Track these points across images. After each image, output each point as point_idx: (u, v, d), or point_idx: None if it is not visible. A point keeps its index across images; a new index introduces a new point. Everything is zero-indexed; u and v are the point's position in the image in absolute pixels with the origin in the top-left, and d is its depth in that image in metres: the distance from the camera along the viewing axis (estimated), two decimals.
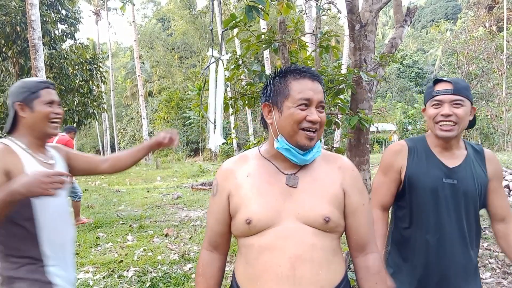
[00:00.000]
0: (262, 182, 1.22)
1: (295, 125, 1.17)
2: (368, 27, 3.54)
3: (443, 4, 53.58)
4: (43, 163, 1.51)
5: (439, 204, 1.53)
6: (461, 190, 1.52)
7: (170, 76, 32.47)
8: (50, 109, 1.53)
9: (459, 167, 1.55)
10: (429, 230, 1.56)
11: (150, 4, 50.07)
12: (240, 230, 1.21)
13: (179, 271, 3.78)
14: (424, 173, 1.57)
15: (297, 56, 3.27)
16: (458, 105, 1.48)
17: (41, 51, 7.12)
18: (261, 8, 2.61)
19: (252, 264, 1.18)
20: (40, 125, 1.52)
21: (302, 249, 1.13)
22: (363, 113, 3.32)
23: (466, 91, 1.51)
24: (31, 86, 1.53)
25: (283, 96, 1.20)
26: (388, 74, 29.55)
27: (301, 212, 1.17)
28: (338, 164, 1.27)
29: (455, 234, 1.52)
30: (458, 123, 1.48)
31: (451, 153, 1.57)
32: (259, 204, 1.18)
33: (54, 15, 12.63)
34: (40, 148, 1.56)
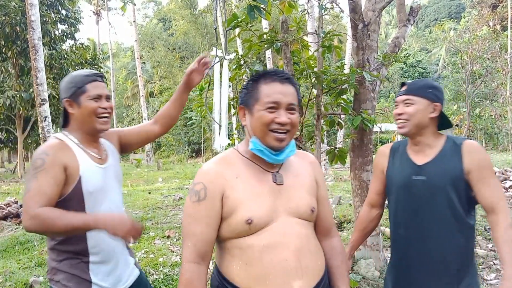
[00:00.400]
0: (252, 183, 1.25)
1: (264, 127, 1.22)
2: (371, 26, 3.50)
3: (447, 3, 53.47)
4: (96, 158, 1.52)
5: (411, 200, 1.61)
6: (432, 186, 1.56)
7: (172, 77, 32.45)
8: (97, 104, 1.49)
9: (428, 163, 1.61)
10: (404, 226, 1.65)
11: (151, 4, 50.11)
12: (237, 231, 1.21)
13: None
14: (397, 172, 1.69)
15: (299, 56, 3.24)
16: (408, 104, 1.61)
17: (41, 51, 7.09)
18: (263, 8, 2.58)
19: (255, 264, 1.19)
20: (88, 120, 1.50)
21: (300, 241, 1.23)
22: (366, 113, 3.29)
23: (420, 91, 1.60)
24: (78, 81, 1.50)
25: (254, 99, 1.25)
26: (391, 74, 29.51)
27: (292, 207, 1.25)
28: (309, 159, 1.42)
29: (430, 229, 1.57)
30: (409, 120, 1.59)
31: (422, 151, 1.64)
32: (256, 204, 1.22)
33: (54, 15, 12.63)
34: (92, 143, 1.55)
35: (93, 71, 1.56)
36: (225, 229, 1.24)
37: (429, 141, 1.62)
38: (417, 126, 1.60)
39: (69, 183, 1.41)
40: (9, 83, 12.47)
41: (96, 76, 1.53)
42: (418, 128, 1.61)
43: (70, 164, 1.41)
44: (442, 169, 1.56)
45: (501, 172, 8.07)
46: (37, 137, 14.30)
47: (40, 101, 7.16)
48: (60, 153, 1.41)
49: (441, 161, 1.58)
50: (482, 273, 3.57)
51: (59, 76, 12.61)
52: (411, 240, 1.61)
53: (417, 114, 1.59)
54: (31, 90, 11.41)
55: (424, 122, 1.60)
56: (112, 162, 1.59)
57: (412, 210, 1.62)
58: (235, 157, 1.31)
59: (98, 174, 1.48)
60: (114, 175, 1.59)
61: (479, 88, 14.00)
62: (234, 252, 1.24)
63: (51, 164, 1.37)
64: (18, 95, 11.73)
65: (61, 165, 1.39)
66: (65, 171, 1.39)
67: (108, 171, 1.55)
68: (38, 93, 7.16)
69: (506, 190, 7.00)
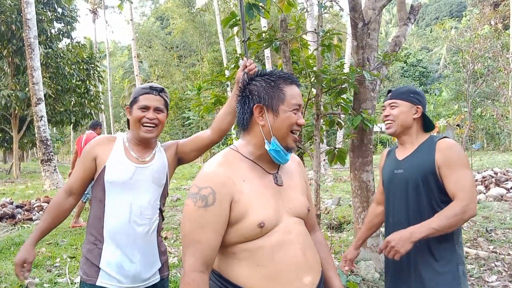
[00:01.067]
0: (258, 185, 1.26)
1: (288, 128, 1.27)
2: (371, 25, 3.47)
3: (448, 2, 53.60)
4: (133, 157, 1.69)
5: (393, 192, 1.86)
6: (406, 178, 1.78)
7: (169, 76, 32.38)
8: (142, 114, 1.67)
9: (407, 158, 1.83)
10: (392, 214, 1.89)
11: (148, 2, 49.99)
12: (248, 235, 1.20)
13: (178, 274, 3.71)
14: (386, 168, 1.95)
15: (298, 55, 3.21)
16: (393, 107, 1.83)
17: (37, 50, 7.02)
18: (261, 6, 2.56)
19: (267, 264, 1.20)
20: (134, 127, 1.69)
21: (303, 238, 1.29)
22: (366, 113, 3.27)
23: (403, 95, 1.83)
24: (136, 92, 1.73)
25: (279, 99, 1.26)
26: (391, 73, 29.60)
27: (291, 207, 1.30)
28: (297, 160, 1.49)
29: (403, 218, 1.79)
30: (394, 120, 1.82)
31: (405, 148, 1.87)
32: (265, 207, 1.23)
33: (50, 13, 12.54)
34: (139, 145, 1.73)
35: (152, 85, 1.74)
36: (232, 235, 1.20)
37: (412, 140, 1.83)
38: (402, 126, 1.82)
39: (97, 171, 1.66)
40: (4, 82, 12.38)
41: (152, 89, 1.71)
42: (403, 128, 1.82)
43: (101, 155, 1.66)
44: (416, 162, 1.77)
45: (503, 173, 8.08)
46: (33, 137, 14.17)
47: (36, 100, 7.09)
48: (97, 147, 1.69)
49: (416, 155, 1.79)
50: (484, 275, 3.54)
51: (55, 75, 12.52)
52: (397, 226, 1.75)
53: (401, 115, 1.81)
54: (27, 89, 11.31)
55: (408, 122, 1.82)
56: (153, 166, 1.72)
57: (396, 200, 1.84)
58: (236, 158, 1.28)
59: (126, 169, 1.64)
60: (151, 177, 1.71)
61: (481, 87, 14.00)
62: (241, 255, 1.22)
63: (86, 154, 1.69)
64: (13, 94, 11.63)
65: (92, 156, 1.66)
66: (95, 161, 1.66)
67: (144, 171, 1.69)
68: (34, 92, 7.09)
69: (508, 191, 6.98)
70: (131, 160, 1.68)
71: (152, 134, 1.70)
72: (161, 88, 1.76)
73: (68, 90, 13.14)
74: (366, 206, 3.63)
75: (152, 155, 1.75)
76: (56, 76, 12.53)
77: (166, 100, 1.76)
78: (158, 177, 1.74)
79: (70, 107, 13.20)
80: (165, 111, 1.76)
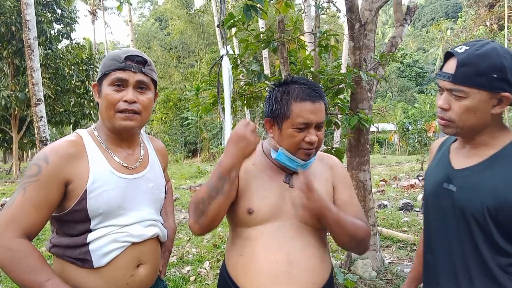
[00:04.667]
0: (264, 176, 1.26)
1: (293, 145, 1.21)
2: (368, 26, 3.50)
3: (444, 3, 53.75)
4: (120, 166, 1.23)
5: (440, 217, 1.17)
6: (460, 203, 1.08)
7: (168, 76, 32.39)
8: (117, 94, 1.19)
9: (468, 169, 1.10)
10: (432, 250, 1.21)
11: (147, 3, 49.98)
12: (239, 219, 1.23)
13: (177, 273, 3.73)
14: (429, 174, 1.26)
15: (296, 55, 3.23)
16: (457, 97, 1.06)
17: (36, 51, 7.04)
18: (259, 7, 2.57)
19: (248, 258, 1.20)
20: (104, 115, 1.24)
21: (299, 247, 1.19)
22: (363, 113, 3.29)
23: (479, 78, 1.02)
24: (105, 65, 1.20)
25: (283, 116, 1.21)
26: (388, 74, 29.58)
27: (299, 211, 1.21)
28: (330, 163, 1.37)
29: (445, 257, 1.14)
30: (454, 121, 1.08)
31: (470, 149, 1.13)
32: (260, 196, 1.22)
33: (49, 14, 12.57)
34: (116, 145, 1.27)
35: (129, 53, 1.20)
36: (232, 215, 1.26)
37: (488, 140, 1.09)
38: (472, 128, 1.08)
39: (72, 198, 1.11)
40: (4, 83, 12.39)
41: (129, 61, 1.19)
42: (473, 129, 1.09)
43: (76, 176, 1.11)
44: (484, 182, 1.04)
45: None
46: (33, 137, 14.21)
47: (35, 101, 7.12)
48: (64, 161, 1.10)
49: (487, 169, 1.05)
50: None
51: (54, 76, 12.54)
52: (440, 273, 1.15)
53: (468, 114, 1.06)
54: (27, 90, 11.34)
55: (482, 121, 1.07)
56: (147, 174, 1.27)
57: (441, 232, 1.16)
58: (258, 150, 1.32)
59: (115, 188, 1.16)
60: (146, 189, 1.25)
61: None
62: (235, 241, 1.27)
63: (49, 176, 1.08)
64: (13, 95, 11.66)
65: (61, 179, 1.10)
66: (66, 186, 1.11)
67: (136, 184, 1.22)
68: (34, 93, 7.11)
69: None
70: (118, 170, 1.19)
71: (132, 122, 1.18)
72: (143, 59, 1.20)
73: (68, 91, 13.16)
74: (363, 206, 3.66)
75: (140, 158, 1.29)
76: (55, 77, 12.56)
77: (153, 76, 1.24)
78: (155, 189, 1.29)
79: (69, 108, 13.21)
80: (153, 89, 1.24)
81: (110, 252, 1.15)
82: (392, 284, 3.38)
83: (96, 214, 1.13)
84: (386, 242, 4.62)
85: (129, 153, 1.26)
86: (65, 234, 1.16)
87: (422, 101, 18.92)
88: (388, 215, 5.96)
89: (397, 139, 22.44)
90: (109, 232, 1.15)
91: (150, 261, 1.25)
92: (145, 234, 1.22)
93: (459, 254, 1.09)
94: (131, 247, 1.18)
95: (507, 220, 0.99)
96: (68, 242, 1.15)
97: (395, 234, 4.78)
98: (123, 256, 1.17)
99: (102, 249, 1.14)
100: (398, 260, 4.15)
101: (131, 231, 1.19)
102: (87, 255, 1.13)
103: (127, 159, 1.24)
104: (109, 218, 1.15)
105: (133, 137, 1.28)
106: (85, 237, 1.14)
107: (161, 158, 1.40)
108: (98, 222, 1.14)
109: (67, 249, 1.15)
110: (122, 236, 1.17)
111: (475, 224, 1.04)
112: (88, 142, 1.19)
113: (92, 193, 1.11)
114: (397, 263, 4.01)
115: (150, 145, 1.38)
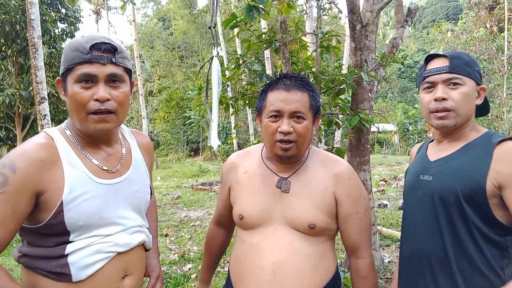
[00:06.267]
0: (257, 181, 1.25)
1: (270, 137, 1.18)
2: (369, 27, 3.53)
3: (444, 5, 53.61)
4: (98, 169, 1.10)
5: (415, 209, 1.22)
6: (436, 190, 1.14)
7: (171, 76, 32.42)
8: (85, 92, 1.05)
9: (442, 159, 1.18)
10: (404, 238, 1.27)
11: (150, 3, 50.05)
12: (236, 222, 1.30)
13: (179, 271, 3.77)
14: (409, 170, 1.33)
15: (297, 56, 3.26)
16: (456, 85, 1.15)
17: (40, 50, 7.09)
18: (261, 8, 2.60)
19: (241, 261, 1.23)
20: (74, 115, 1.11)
21: (287, 254, 1.15)
22: (364, 113, 3.31)
23: (468, 67, 1.16)
24: (68, 57, 1.06)
25: (263, 107, 1.22)
26: (389, 74, 29.55)
27: (289, 216, 1.18)
28: (335, 171, 1.23)
29: (428, 246, 1.14)
30: (455, 109, 1.14)
31: (445, 144, 1.23)
32: (251, 202, 1.23)
33: (54, 14, 12.63)
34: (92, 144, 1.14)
35: (94, 41, 1.02)
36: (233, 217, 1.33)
37: (464, 135, 1.19)
38: (466, 118, 1.16)
39: (46, 210, 0.97)
40: (8, 81, 12.45)
41: (95, 51, 1.02)
42: (465, 120, 1.17)
43: (49, 185, 0.96)
44: (456, 169, 1.12)
45: None
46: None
47: (39, 99, 7.17)
48: (34, 169, 0.94)
49: (459, 158, 1.14)
50: None
51: (58, 75, 12.59)
52: (415, 259, 1.19)
53: (466, 100, 1.15)
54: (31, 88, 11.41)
55: (471, 111, 1.18)
56: (131, 176, 1.13)
57: (411, 218, 1.24)
58: (256, 153, 1.34)
59: (96, 196, 1.03)
60: (130, 192, 1.12)
61: None
62: (236, 243, 1.30)
63: (16, 188, 0.92)
64: (17, 93, 11.72)
65: (32, 190, 0.94)
66: (38, 197, 0.96)
67: (118, 188, 1.09)
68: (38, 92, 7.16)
69: None
70: (98, 175, 1.05)
71: (108, 124, 1.03)
72: (112, 46, 1.01)
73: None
74: None
75: (121, 155, 1.14)
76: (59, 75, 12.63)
77: (126, 64, 1.06)
78: (142, 192, 1.16)
79: None
80: (127, 80, 1.07)
81: (92, 264, 1.01)
82: (391, 283, 3.41)
83: (75, 227, 0.99)
84: (385, 241, 4.65)
85: (109, 152, 1.11)
86: (36, 245, 1.02)
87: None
88: (388, 214, 5.99)
89: (397, 139, 22.39)
90: (91, 242, 1.02)
91: (136, 271, 1.13)
92: (131, 242, 1.10)
93: (438, 243, 1.12)
94: (117, 257, 1.06)
95: (483, 203, 1.06)
96: (41, 253, 1.00)
97: (394, 233, 4.81)
98: (108, 268, 1.04)
99: (83, 261, 1.00)
100: (397, 259, 4.18)
101: (116, 240, 1.06)
102: (64, 268, 0.99)
103: (107, 160, 1.09)
104: (91, 230, 1.02)
105: (110, 136, 1.12)
106: (63, 248, 0.99)
107: (146, 155, 1.24)
108: (78, 235, 1.01)
109: (41, 260, 1.00)
110: (107, 246, 1.04)
111: (454, 210, 1.10)
112: (61, 144, 1.03)
113: (69, 205, 0.97)
114: (397, 262, 4.04)
115: (133, 141, 1.22)
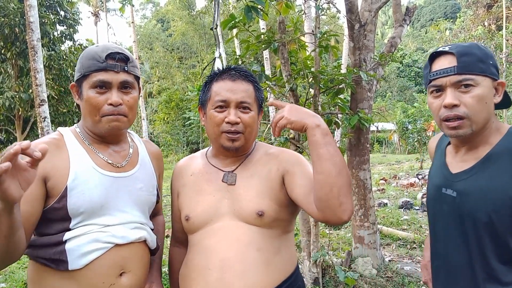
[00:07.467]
0: (202, 181, 1.23)
1: (216, 128, 1.16)
2: (368, 26, 3.54)
3: (442, 3, 53.74)
4: (104, 163, 1.17)
5: (443, 224, 1.12)
6: (463, 209, 1.03)
7: (170, 77, 32.43)
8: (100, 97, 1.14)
9: (465, 172, 1.04)
10: (436, 254, 1.16)
11: (149, 5, 50.09)
12: (184, 228, 1.23)
13: None
14: (431, 177, 1.20)
15: (296, 56, 3.27)
16: (468, 87, 0.99)
17: (40, 52, 7.10)
18: (260, 8, 2.61)
19: (189, 266, 1.17)
20: (87, 118, 1.19)
21: (235, 250, 1.09)
22: (363, 113, 3.33)
23: (480, 63, 0.99)
24: (84, 65, 1.15)
25: (206, 99, 1.20)
26: (387, 74, 29.60)
27: (236, 209, 1.14)
28: (278, 155, 1.21)
29: (463, 260, 1.05)
30: (469, 116, 0.99)
31: (466, 150, 1.08)
32: (196, 201, 1.19)
33: (53, 16, 12.65)
34: (102, 143, 1.22)
35: (109, 50, 1.12)
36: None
37: (487, 137, 1.04)
38: (484, 122, 1.01)
39: (52, 196, 1.05)
40: (8, 84, 12.46)
41: (110, 60, 1.12)
42: (484, 124, 1.02)
43: (55, 172, 1.05)
44: (484, 187, 0.99)
45: None
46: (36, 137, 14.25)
47: (39, 101, 7.18)
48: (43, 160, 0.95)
49: (485, 172, 1.00)
50: None
51: (58, 77, 12.61)
52: (448, 280, 1.10)
53: (482, 102, 0.99)
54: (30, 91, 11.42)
55: (490, 112, 1.02)
56: (136, 174, 1.18)
57: (447, 238, 1.10)
58: (200, 155, 1.32)
59: (98, 186, 1.08)
60: (134, 189, 1.16)
61: None
62: (188, 248, 1.24)
63: None
64: (17, 96, 11.74)
65: (39, 176, 1.01)
66: (46, 183, 1.04)
67: (122, 183, 1.14)
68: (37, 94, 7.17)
69: None
70: (102, 167, 1.12)
71: (120, 123, 1.12)
72: (125, 55, 1.12)
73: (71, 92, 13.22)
74: (363, 204, 3.71)
75: (128, 154, 1.21)
76: (59, 77, 12.62)
77: (136, 72, 1.17)
78: (147, 191, 1.21)
79: (72, 108, 13.27)
80: (136, 87, 1.18)
81: (89, 252, 1.04)
82: (392, 282, 3.42)
83: (77, 213, 1.05)
84: (386, 240, 4.66)
85: (116, 150, 1.19)
86: (41, 234, 1.08)
87: (422, 101, 18.90)
88: (388, 213, 6.00)
89: (397, 138, 22.42)
90: (89, 230, 1.06)
91: (136, 270, 1.12)
92: (130, 236, 1.11)
93: (465, 261, 1.03)
94: (114, 250, 1.07)
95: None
96: (43, 241, 1.06)
97: (395, 232, 4.82)
98: (104, 260, 1.06)
99: (80, 248, 1.04)
100: (398, 258, 4.19)
101: (114, 232, 1.08)
102: (62, 255, 1.03)
103: (113, 156, 1.16)
104: (91, 218, 1.07)
105: (119, 136, 1.20)
106: (61, 235, 1.04)
107: (155, 162, 1.30)
108: (78, 222, 1.06)
109: (41, 248, 1.05)
110: (104, 236, 1.07)
111: (482, 228, 0.99)
112: (69, 139, 1.13)
113: (73, 191, 1.04)
114: (397, 261, 4.05)
115: (142, 146, 1.29)
